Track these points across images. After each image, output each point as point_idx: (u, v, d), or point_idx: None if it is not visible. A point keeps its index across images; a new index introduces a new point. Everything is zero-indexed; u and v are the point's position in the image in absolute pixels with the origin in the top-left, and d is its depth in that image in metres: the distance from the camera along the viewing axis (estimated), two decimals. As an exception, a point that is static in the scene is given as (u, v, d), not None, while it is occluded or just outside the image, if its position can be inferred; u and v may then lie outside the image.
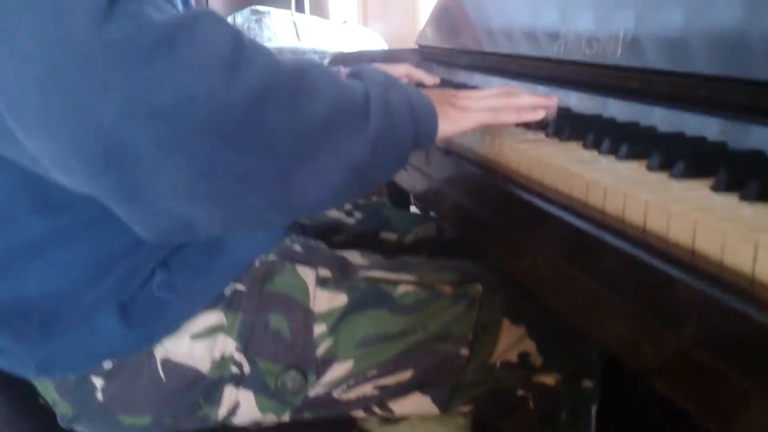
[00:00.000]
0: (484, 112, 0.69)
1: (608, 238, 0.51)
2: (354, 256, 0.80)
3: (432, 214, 1.24)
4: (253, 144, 0.51)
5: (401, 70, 1.09)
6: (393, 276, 0.76)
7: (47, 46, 0.48)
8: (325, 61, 1.46)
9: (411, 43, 2.80)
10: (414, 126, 0.62)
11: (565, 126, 0.73)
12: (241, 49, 0.52)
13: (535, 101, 0.73)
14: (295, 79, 0.54)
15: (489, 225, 0.74)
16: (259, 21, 2.38)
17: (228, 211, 0.54)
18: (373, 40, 2.42)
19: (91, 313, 0.68)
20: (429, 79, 1.09)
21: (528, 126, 0.78)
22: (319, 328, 0.72)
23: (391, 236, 1.02)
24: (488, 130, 0.75)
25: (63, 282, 0.68)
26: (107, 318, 0.68)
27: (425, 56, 1.43)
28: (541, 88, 0.96)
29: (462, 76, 1.24)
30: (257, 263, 0.75)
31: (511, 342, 0.76)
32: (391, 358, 0.73)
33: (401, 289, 0.75)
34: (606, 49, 0.83)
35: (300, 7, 4.08)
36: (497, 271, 0.79)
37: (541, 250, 0.63)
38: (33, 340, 0.68)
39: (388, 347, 0.73)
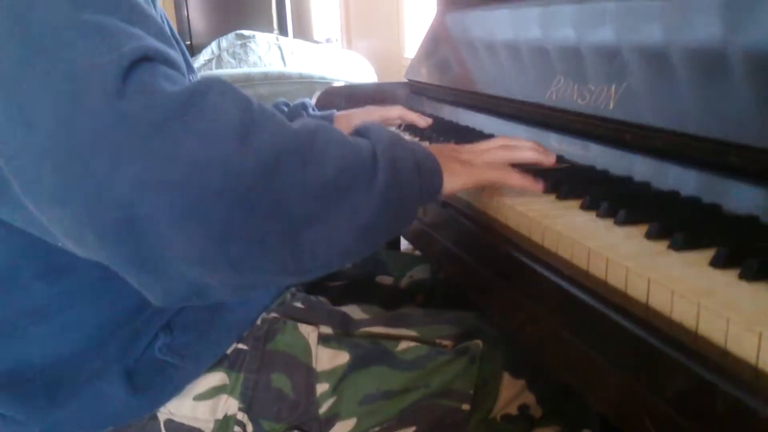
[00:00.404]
0: (488, 169, 0.70)
1: (610, 313, 0.52)
2: (354, 311, 0.81)
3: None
4: (265, 208, 0.52)
5: (395, 113, 1.10)
6: (393, 331, 0.77)
7: (63, 120, 0.48)
8: (315, 97, 1.47)
9: (395, 62, 2.82)
10: (420, 183, 0.63)
11: (562, 182, 0.74)
12: (252, 117, 0.53)
13: (536, 157, 0.74)
14: (304, 143, 0.55)
15: (486, 281, 0.75)
16: (244, 45, 2.38)
17: (240, 275, 0.54)
18: (358, 63, 2.43)
19: (96, 379, 0.68)
20: (422, 121, 1.10)
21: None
22: (322, 387, 0.73)
23: (386, 280, 1.03)
24: (496, 191, 0.75)
25: (67, 347, 0.68)
26: (112, 383, 0.68)
27: (415, 90, 1.44)
28: (533, 131, 0.98)
29: (452, 113, 1.25)
30: (259, 321, 0.75)
31: (512, 395, 0.77)
32: (394, 416, 0.74)
33: (402, 345, 0.75)
34: (598, 101, 0.84)
35: (283, 25, 4.11)
36: (495, 323, 0.80)
37: (542, 315, 0.63)
38: (38, 407, 0.68)
39: (390, 404, 0.74)
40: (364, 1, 3.09)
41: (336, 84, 1.47)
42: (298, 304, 0.79)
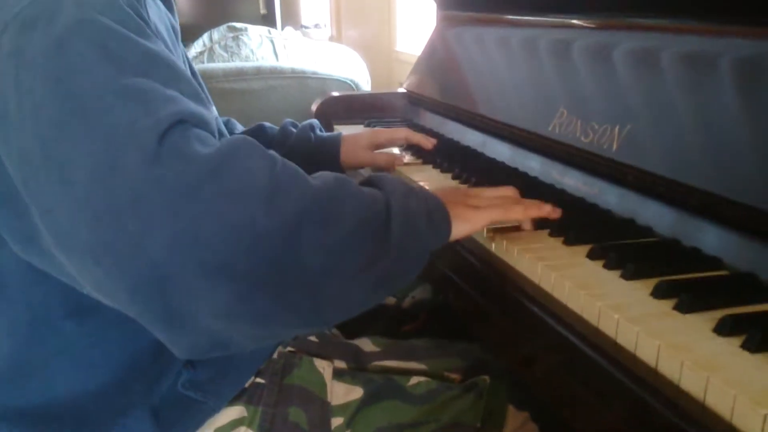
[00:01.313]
0: (493, 209, 0.73)
1: (619, 375, 0.56)
2: (365, 343, 0.84)
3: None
4: (288, 266, 0.54)
5: (401, 134, 1.13)
6: (404, 365, 0.80)
7: (100, 181, 0.50)
8: (314, 106, 1.49)
9: (385, 54, 2.83)
10: (431, 231, 0.66)
11: (568, 226, 0.77)
12: (277, 179, 0.55)
13: (542, 214, 0.77)
14: (324, 202, 0.58)
15: (489, 317, 0.78)
16: (236, 38, 2.38)
17: (264, 328, 0.58)
18: (350, 58, 2.43)
19: (122, 416, 0.71)
20: (427, 143, 1.13)
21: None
22: (337, 421, 0.76)
23: (389, 300, 1.06)
24: (503, 234, 0.78)
25: (93, 384, 0.70)
26: (138, 420, 0.71)
27: (413, 101, 1.46)
28: (537, 158, 1.00)
29: (453, 130, 1.27)
30: (276, 355, 0.78)
31: (516, 426, 0.81)
32: (405, 448, 0.77)
33: (413, 380, 0.79)
34: (602, 140, 0.87)
35: (270, 8, 4.07)
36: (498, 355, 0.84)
37: (549, 361, 0.67)
38: (65, 444, 0.71)
39: (402, 437, 0.77)
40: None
41: (335, 93, 1.49)
42: (312, 338, 0.82)
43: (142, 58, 0.56)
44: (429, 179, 1.05)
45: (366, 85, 2.31)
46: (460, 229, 0.70)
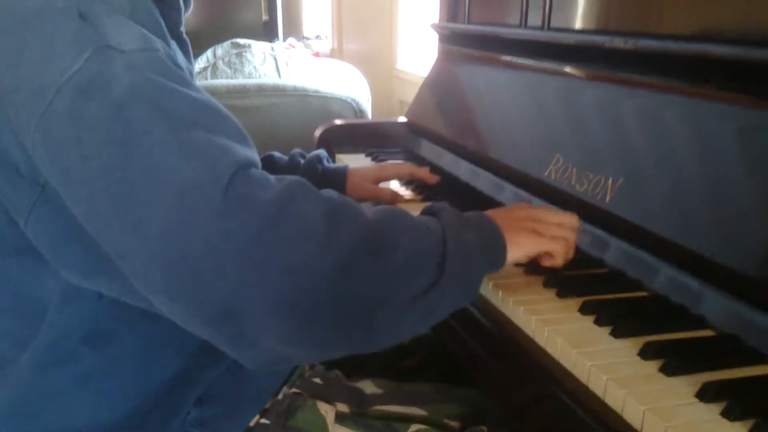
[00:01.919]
0: (554, 242, 0.77)
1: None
2: (367, 385, 0.88)
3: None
4: (343, 299, 0.59)
5: (406, 170, 1.17)
6: (405, 410, 0.84)
7: (173, 236, 0.55)
8: (317, 132, 1.52)
9: (386, 71, 2.86)
10: (486, 262, 0.71)
11: (561, 278, 0.81)
12: (332, 218, 0.60)
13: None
14: (380, 234, 0.63)
15: (487, 367, 0.81)
16: (239, 55, 2.41)
17: (322, 350, 0.64)
18: (352, 76, 2.47)
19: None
20: (431, 178, 1.17)
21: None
22: (337, 464, 0.80)
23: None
24: (498, 283, 0.82)
25: (108, 416, 0.74)
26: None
27: (415, 131, 1.49)
28: (535, 200, 1.04)
29: (452, 165, 1.30)
30: (281, 396, 0.82)
31: (512, 469, 0.84)
32: (404, 492, 0.81)
33: (412, 428, 0.82)
34: (596, 191, 0.90)
35: (273, 22, 4.10)
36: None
37: (544, 414, 0.71)
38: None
39: (401, 482, 0.81)
40: (357, 7, 3.11)
41: (337, 122, 1.52)
42: (317, 380, 0.85)
43: (191, 108, 0.60)
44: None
45: (367, 104, 2.34)
46: (513, 254, 0.74)
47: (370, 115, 2.31)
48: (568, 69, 1.06)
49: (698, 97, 0.80)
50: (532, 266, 0.83)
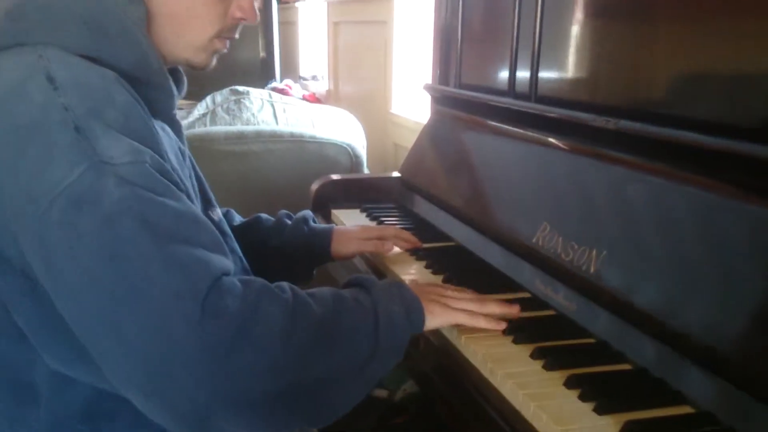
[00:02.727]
0: (462, 313, 0.87)
1: None
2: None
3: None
4: (302, 383, 0.68)
5: (390, 232, 1.21)
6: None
7: (153, 344, 0.61)
8: (314, 186, 1.56)
9: (381, 116, 2.91)
10: (409, 327, 0.80)
11: (548, 349, 0.84)
12: (292, 317, 0.69)
13: (501, 311, 0.89)
14: (327, 321, 0.72)
15: (456, 411, 0.86)
16: (238, 102, 2.46)
17: (276, 429, 0.72)
18: (348, 122, 2.52)
19: None
20: (414, 243, 1.20)
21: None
22: None
23: (382, 393, 1.13)
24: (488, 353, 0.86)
25: None
26: None
27: (408, 187, 1.53)
28: (524, 265, 1.07)
29: (444, 222, 1.34)
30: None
31: None
32: None
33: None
34: (581, 261, 0.94)
35: (270, 60, 4.17)
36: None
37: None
38: None
39: None
40: (352, 50, 3.18)
41: (333, 177, 1.56)
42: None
43: (173, 220, 0.66)
44: (417, 274, 1.13)
45: (362, 150, 2.39)
46: (430, 322, 0.84)
47: (365, 160, 2.36)
48: (553, 140, 1.10)
49: (675, 180, 0.84)
50: (520, 335, 0.87)
